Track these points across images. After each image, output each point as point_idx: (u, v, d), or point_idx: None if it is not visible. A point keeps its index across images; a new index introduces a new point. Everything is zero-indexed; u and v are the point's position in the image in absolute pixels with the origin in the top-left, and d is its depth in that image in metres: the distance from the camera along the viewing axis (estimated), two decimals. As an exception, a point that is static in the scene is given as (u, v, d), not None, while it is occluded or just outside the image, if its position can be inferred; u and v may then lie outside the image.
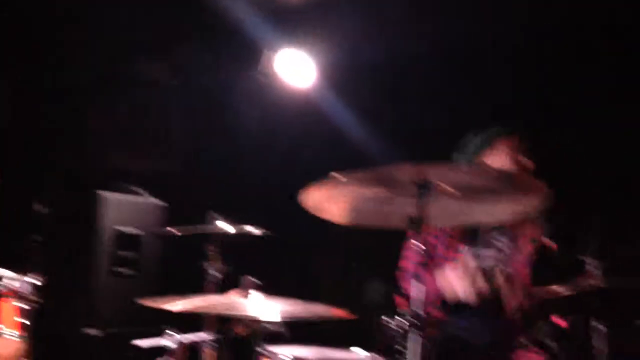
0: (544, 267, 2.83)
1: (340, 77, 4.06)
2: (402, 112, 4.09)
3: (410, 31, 3.82)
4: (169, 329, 2.63)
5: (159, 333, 2.66)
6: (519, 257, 2.85)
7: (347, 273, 4.17)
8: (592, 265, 2.50)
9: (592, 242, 2.54)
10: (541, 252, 2.86)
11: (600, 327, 2.53)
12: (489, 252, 2.88)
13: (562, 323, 2.33)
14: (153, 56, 4.09)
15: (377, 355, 2.18)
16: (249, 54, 4.01)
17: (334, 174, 1.87)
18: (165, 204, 3.80)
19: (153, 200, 3.79)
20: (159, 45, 4.02)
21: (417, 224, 1.89)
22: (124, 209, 3.64)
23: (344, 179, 1.89)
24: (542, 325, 2.45)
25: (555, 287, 2.55)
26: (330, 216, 2.13)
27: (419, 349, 1.79)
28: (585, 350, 2.42)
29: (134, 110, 4.17)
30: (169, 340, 2.52)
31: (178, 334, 2.60)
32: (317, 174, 1.97)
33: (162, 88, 4.22)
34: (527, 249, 2.86)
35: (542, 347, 2.45)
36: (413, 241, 1.91)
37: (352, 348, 2.80)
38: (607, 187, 3.60)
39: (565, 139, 3.66)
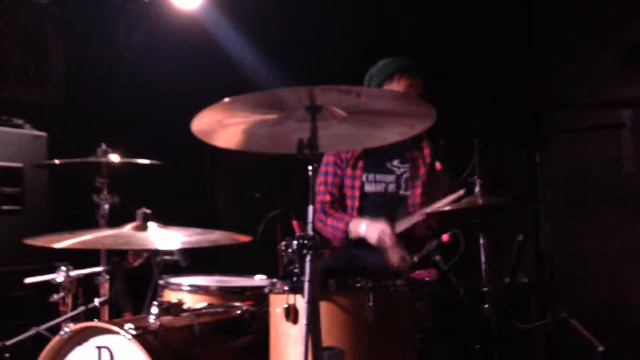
0: (432, 187, 2.99)
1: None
2: (291, 34, 4.05)
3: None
4: (61, 264, 2.56)
5: (53, 270, 2.58)
6: (415, 181, 3.00)
7: (247, 203, 4.19)
8: (472, 183, 2.65)
9: (473, 161, 2.68)
10: (430, 173, 3.02)
11: (481, 240, 2.71)
12: (388, 178, 3.02)
13: (445, 237, 2.48)
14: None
15: (277, 280, 2.23)
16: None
17: (225, 98, 1.84)
18: (47, 135, 3.61)
19: (34, 131, 3.58)
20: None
21: (308, 148, 1.91)
22: (3, 142, 3.43)
23: (233, 103, 1.87)
24: (431, 242, 2.59)
25: (441, 204, 2.71)
26: (222, 142, 2.11)
27: (310, 269, 1.84)
28: (467, 262, 2.59)
29: (6, 35, 3.86)
30: (58, 274, 2.45)
31: (71, 269, 2.54)
32: (207, 100, 1.93)
33: (37, 10, 3.91)
34: (421, 171, 3.02)
35: (430, 263, 2.60)
36: (309, 167, 1.93)
37: (256, 276, 2.86)
38: (486, 108, 3.80)
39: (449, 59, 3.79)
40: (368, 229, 2.85)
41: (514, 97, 3.85)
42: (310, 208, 1.89)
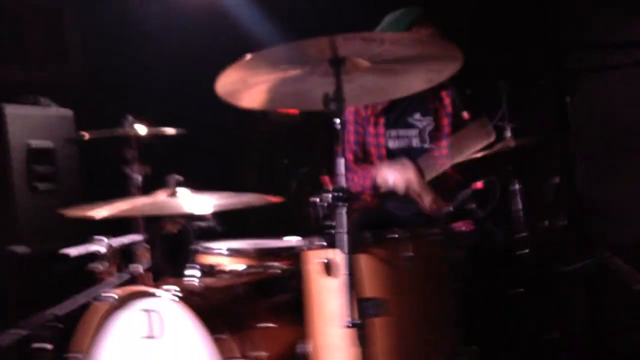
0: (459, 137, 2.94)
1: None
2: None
3: None
4: (99, 237, 2.60)
5: (92, 242, 2.62)
6: (438, 133, 2.96)
7: (277, 167, 4.19)
8: (502, 127, 2.61)
9: (502, 106, 2.63)
10: (456, 123, 2.97)
11: (515, 186, 2.68)
12: (410, 132, 2.98)
13: (479, 185, 2.45)
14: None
15: (310, 238, 2.24)
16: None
17: (246, 55, 1.82)
18: (73, 113, 3.63)
19: (61, 110, 3.61)
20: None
21: (334, 101, 1.89)
22: (32, 122, 3.46)
23: (254, 59, 1.85)
24: (465, 190, 2.57)
25: (469, 152, 2.67)
26: (247, 103, 2.10)
27: (346, 221, 1.84)
28: (503, 208, 2.57)
29: (21, 14, 3.87)
30: (99, 245, 2.49)
31: (107, 239, 2.58)
32: (227, 64, 1.91)
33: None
34: (444, 122, 2.97)
35: (465, 213, 2.58)
36: (336, 120, 1.91)
37: (285, 237, 2.88)
38: (509, 49, 3.71)
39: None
40: (395, 178, 2.75)
41: (537, 39, 3.75)
42: (342, 160, 1.87)
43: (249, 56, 1.83)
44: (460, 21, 3.41)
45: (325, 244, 2.13)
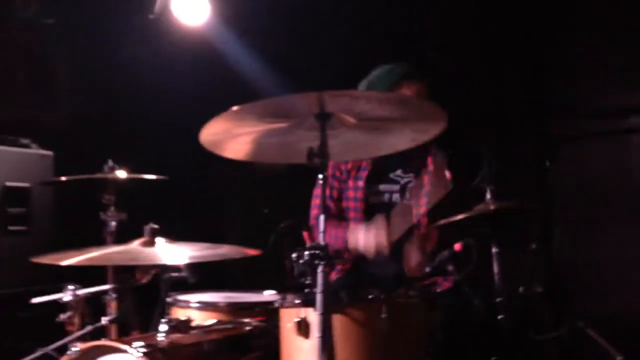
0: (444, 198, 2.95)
1: (235, 13, 3.95)
2: (297, 46, 4.05)
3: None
4: (69, 284, 2.53)
5: (60, 290, 2.55)
6: (419, 190, 2.95)
7: (256, 217, 4.16)
8: (484, 191, 2.62)
9: (483, 169, 2.65)
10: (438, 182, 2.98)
11: (494, 249, 2.67)
12: (392, 188, 2.98)
13: (457, 247, 2.44)
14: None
15: (286, 294, 2.19)
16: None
17: (234, 107, 1.82)
18: (53, 154, 3.59)
19: (40, 151, 3.57)
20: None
21: (318, 156, 1.89)
22: (10, 162, 3.42)
23: (241, 111, 1.85)
24: (443, 252, 2.55)
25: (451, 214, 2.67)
26: (231, 153, 2.09)
27: (325, 280, 1.81)
28: (480, 271, 2.55)
29: (11, 54, 3.86)
30: (65, 293, 2.42)
31: (79, 288, 2.51)
32: (215, 114, 1.91)
33: (42, 29, 3.92)
34: (425, 180, 2.97)
35: (444, 273, 2.56)
36: (320, 176, 1.90)
37: (265, 291, 2.82)
38: (493, 114, 3.78)
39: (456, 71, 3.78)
40: (366, 243, 2.72)
41: (520, 105, 3.83)
42: (322, 217, 1.86)
43: (235, 108, 1.83)
44: (446, 81, 3.47)
45: (300, 301, 2.09)
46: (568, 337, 2.85)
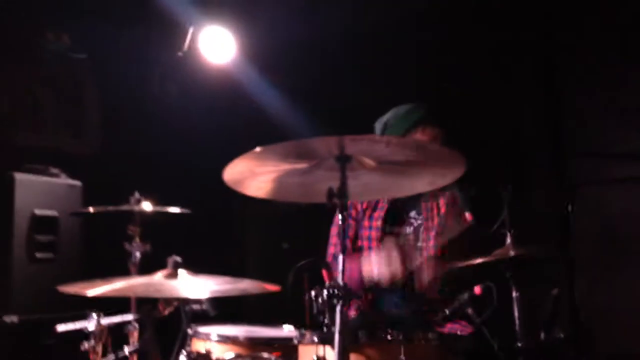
0: (461, 239, 2.95)
1: (260, 52, 4.05)
2: (322, 87, 4.12)
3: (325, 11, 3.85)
4: (92, 312, 2.57)
5: (83, 317, 2.59)
6: (430, 232, 2.96)
7: (276, 252, 4.19)
8: (503, 235, 2.62)
9: (504, 213, 2.65)
10: (458, 222, 2.98)
11: (515, 293, 2.66)
12: (405, 230, 2.98)
13: (477, 290, 2.43)
14: (59, 27, 3.90)
15: (306, 331, 2.21)
16: (167, 30, 3.93)
17: (257, 148, 1.87)
18: (81, 185, 3.68)
19: (69, 181, 3.66)
20: (64, 16, 3.84)
21: (338, 196, 1.92)
22: (40, 191, 3.51)
23: (264, 152, 1.90)
24: (462, 295, 2.55)
25: (471, 257, 2.67)
26: (252, 191, 2.13)
27: (343, 319, 1.82)
28: (500, 315, 2.54)
29: (43, 85, 3.99)
30: (88, 322, 2.46)
31: (102, 316, 2.55)
32: (238, 151, 1.96)
33: (74, 62, 4.05)
34: (435, 222, 2.97)
35: (463, 316, 2.55)
36: (339, 216, 1.93)
37: (284, 326, 2.83)
38: (514, 157, 3.77)
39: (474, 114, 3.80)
40: (380, 271, 2.73)
41: (541, 148, 3.83)
42: (341, 257, 1.88)
43: (258, 149, 1.88)
44: (465, 122, 3.49)
45: (318, 339, 2.10)
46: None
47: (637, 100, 3.60)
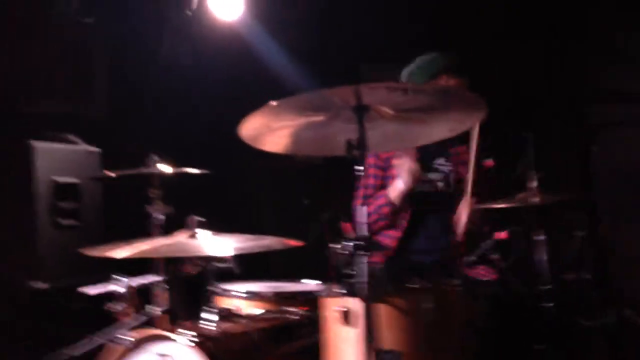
0: (484, 184, 2.93)
1: (268, 7, 3.98)
2: (330, 38, 4.05)
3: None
4: (116, 275, 2.60)
5: (111, 281, 2.62)
6: (459, 178, 2.94)
7: (296, 208, 4.19)
8: (528, 180, 2.59)
9: (527, 158, 2.62)
10: (480, 170, 2.95)
11: (539, 237, 2.64)
12: (436, 176, 2.97)
13: (503, 235, 2.42)
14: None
15: (328, 283, 2.22)
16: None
17: (271, 102, 1.84)
18: (100, 150, 3.69)
19: (88, 147, 3.67)
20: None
21: (357, 148, 1.89)
22: (59, 159, 3.52)
23: (279, 106, 1.87)
24: (486, 241, 2.54)
25: (495, 203, 2.65)
26: (270, 147, 2.11)
27: (366, 270, 1.82)
28: (526, 259, 2.53)
29: (52, 51, 3.96)
30: (118, 285, 2.49)
31: (126, 278, 2.57)
32: (253, 108, 1.93)
33: (82, 27, 4.00)
34: (462, 168, 2.95)
35: (487, 262, 2.55)
36: (359, 168, 1.91)
37: (303, 280, 2.85)
38: (536, 102, 3.70)
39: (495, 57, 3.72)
40: (403, 180, 2.82)
41: (564, 90, 3.75)
42: (364, 209, 1.87)
43: (274, 103, 1.85)
44: (487, 67, 3.42)
45: (344, 291, 2.11)
46: (615, 324, 2.80)
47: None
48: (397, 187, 2.82)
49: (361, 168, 1.90)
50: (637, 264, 3.46)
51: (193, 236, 2.42)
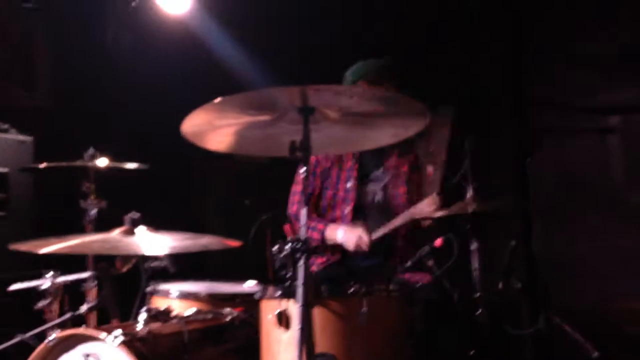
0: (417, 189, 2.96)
1: (216, 1, 3.92)
2: (281, 36, 4.02)
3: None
4: (47, 271, 2.51)
5: (38, 277, 2.53)
6: (401, 188, 2.96)
7: (237, 208, 4.15)
8: (464, 188, 2.63)
9: (464, 166, 2.66)
10: (419, 178, 2.99)
11: (473, 246, 2.69)
12: (373, 187, 2.98)
13: (438, 242, 2.45)
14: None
15: (268, 285, 2.20)
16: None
17: (217, 99, 1.81)
18: (33, 140, 3.56)
19: (19, 136, 3.53)
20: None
21: (300, 150, 1.88)
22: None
23: (223, 103, 1.84)
24: (423, 247, 2.57)
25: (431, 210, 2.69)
26: (213, 145, 2.08)
27: (306, 273, 1.81)
28: (459, 266, 2.57)
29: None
30: (43, 281, 2.40)
31: (57, 275, 2.48)
32: (196, 104, 1.89)
33: (22, 13, 3.85)
34: (404, 169, 2.98)
35: (423, 267, 2.57)
36: (301, 170, 1.90)
37: (246, 282, 2.82)
38: (476, 109, 3.77)
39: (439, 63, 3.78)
40: (345, 235, 2.78)
41: (502, 98, 3.83)
42: (304, 211, 1.86)
43: (217, 100, 1.82)
44: (428, 70, 3.46)
45: (281, 293, 2.09)
46: (545, 332, 2.87)
47: (601, 56, 3.62)
48: (337, 239, 2.81)
49: (303, 170, 1.89)
50: (568, 271, 3.57)
51: (129, 233, 2.35)
